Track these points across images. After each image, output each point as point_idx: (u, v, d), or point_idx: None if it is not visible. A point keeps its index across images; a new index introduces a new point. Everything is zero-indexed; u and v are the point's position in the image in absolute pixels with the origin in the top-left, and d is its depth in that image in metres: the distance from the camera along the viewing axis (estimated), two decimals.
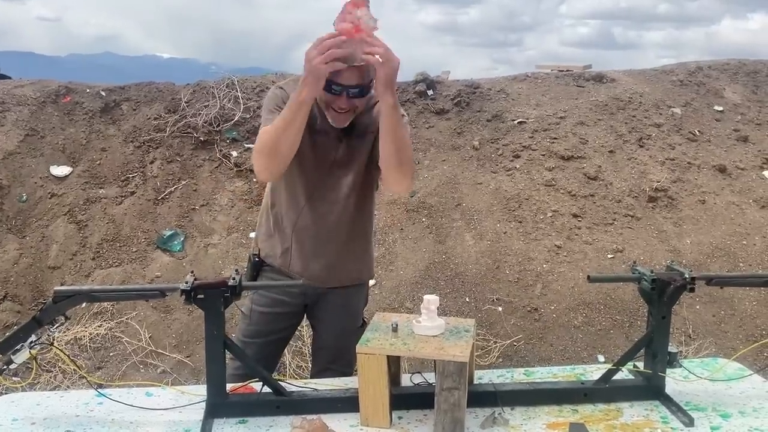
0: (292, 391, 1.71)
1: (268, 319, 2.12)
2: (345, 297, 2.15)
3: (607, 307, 4.24)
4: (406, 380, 1.82)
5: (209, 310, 1.61)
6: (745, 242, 4.84)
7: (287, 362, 3.55)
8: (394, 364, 1.68)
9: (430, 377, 1.78)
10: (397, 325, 1.67)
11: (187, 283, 1.59)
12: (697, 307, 4.29)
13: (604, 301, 4.27)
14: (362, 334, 1.66)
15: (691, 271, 1.68)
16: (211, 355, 1.63)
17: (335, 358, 2.16)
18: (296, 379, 3.00)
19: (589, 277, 1.76)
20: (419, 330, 1.66)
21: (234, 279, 1.62)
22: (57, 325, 1.69)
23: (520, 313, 4.22)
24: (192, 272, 1.70)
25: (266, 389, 1.69)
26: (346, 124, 1.88)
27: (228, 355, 1.67)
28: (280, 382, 1.72)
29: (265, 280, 2.11)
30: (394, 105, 1.72)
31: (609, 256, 4.60)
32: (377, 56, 1.65)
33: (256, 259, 2.11)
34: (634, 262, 1.86)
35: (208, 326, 1.62)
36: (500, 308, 4.23)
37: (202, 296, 1.59)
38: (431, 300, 1.68)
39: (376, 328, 1.70)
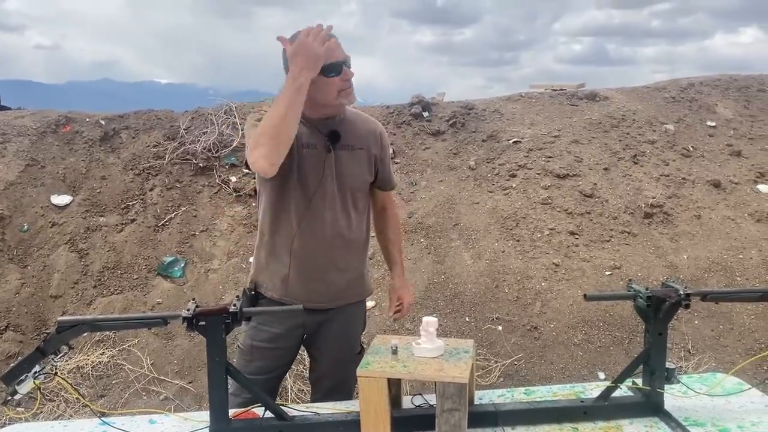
0: (294, 416, 1.71)
1: (271, 354, 2.10)
2: (345, 322, 2.15)
3: (606, 324, 4.24)
4: (407, 402, 1.82)
5: (211, 336, 1.61)
6: (741, 256, 4.86)
7: (289, 386, 3.55)
8: (395, 386, 1.69)
9: (432, 398, 1.79)
10: (396, 347, 1.68)
11: (188, 310, 1.60)
12: (696, 322, 4.30)
13: (603, 318, 4.28)
14: (361, 360, 1.67)
15: (686, 287, 1.69)
16: (214, 381, 1.64)
17: (334, 387, 2.15)
18: (298, 403, 2.99)
19: (585, 295, 1.77)
20: (419, 352, 1.67)
21: (235, 305, 1.63)
22: (61, 354, 1.70)
23: (520, 331, 4.22)
24: (194, 299, 1.71)
25: (269, 414, 1.70)
26: (354, 98, 1.97)
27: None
28: (282, 407, 1.72)
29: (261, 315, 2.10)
30: None
31: (607, 273, 4.62)
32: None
33: (252, 293, 2.10)
34: (630, 280, 1.88)
35: (210, 353, 1.63)
36: (500, 327, 4.23)
37: (203, 323, 1.60)
38: (430, 322, 1.69)
39: (376, 351, 1.71)
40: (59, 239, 4.76)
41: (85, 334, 1.71)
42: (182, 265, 4.69)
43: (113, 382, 3.81)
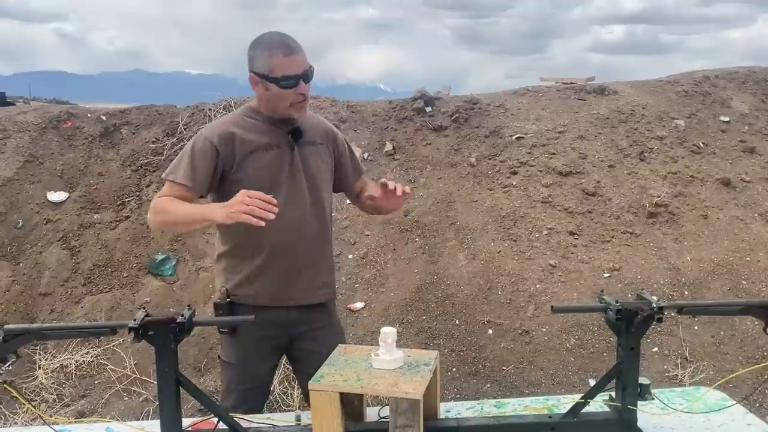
0: (248, 428, 1.68)
1: (250, 363, 2.10)
2: (328, 318, 2.18)
3: (601, 329, 4.08)
4: (373, 413, 1.76)
5: (160, 347, 1.58)
6: (748, 258, 4.70)
7: (273, 387, 3.49)
8: (356, 397, 1.65)
9: None
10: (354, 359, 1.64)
11: (135, 320, 1.56)
12: (696, 327, 4.15)
13: (598, 322, 4.12)
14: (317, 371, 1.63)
15: (658, 300, 1.63)
16: (164, 392, 1.60)
17: None
18: (282, 407, 2.95)
19: (552, 307, 1.70)
20: (377, 363, 1.62)
21: (183, 315, 1.59)
22: (8, 363, 1.68)
23: (510, 335, 4.11)
24: (143, 308, 1.69)
25: (222, 426, 1.66)
26: (306, 112, 2.01)
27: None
28: (237, 419, 1.68)
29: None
30: None
31: (605, 275, 4.48)
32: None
33: (227, 300, 2.06)
34: (601, 291, 1.80)
35: (159, 363, 1.59)
36: (491, 331, 4.13)
37: (152, 333, 1.56)
38: (388, 333, 1.64)
39: (333, 362, 1.67)
40: (52, 236, 4.76)
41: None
42: (173, 263, 4.66)
43: (96, 382, 3.79)
